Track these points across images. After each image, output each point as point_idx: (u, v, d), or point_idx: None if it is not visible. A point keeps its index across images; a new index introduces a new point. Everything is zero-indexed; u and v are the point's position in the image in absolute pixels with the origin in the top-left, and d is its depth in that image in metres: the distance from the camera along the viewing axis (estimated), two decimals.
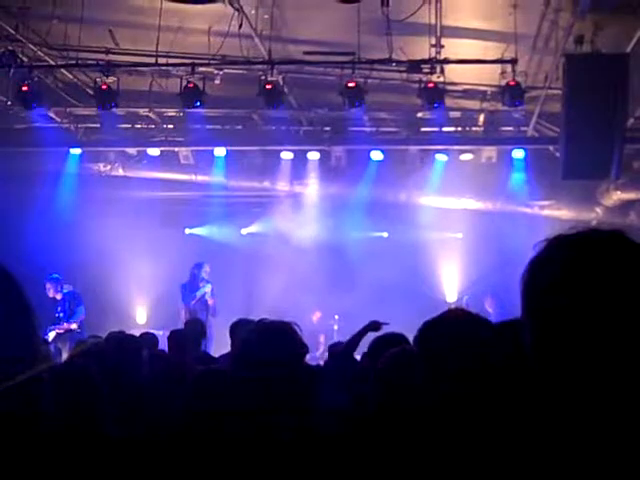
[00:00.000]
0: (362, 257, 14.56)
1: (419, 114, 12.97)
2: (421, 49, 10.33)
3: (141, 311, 15.84)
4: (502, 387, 2.08)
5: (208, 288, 12.48)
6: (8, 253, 13.07)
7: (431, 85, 10.76)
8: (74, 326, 12.27)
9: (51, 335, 12.02)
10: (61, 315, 12.39)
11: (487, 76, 11.32)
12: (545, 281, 1.52)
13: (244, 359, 2.84)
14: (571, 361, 1.46)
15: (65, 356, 11.25)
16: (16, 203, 13.46)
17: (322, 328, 14.73)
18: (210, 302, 12.39)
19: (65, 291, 12.63)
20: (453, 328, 2.74)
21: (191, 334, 8.40)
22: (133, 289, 15.49)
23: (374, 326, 6.78)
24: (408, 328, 6.53)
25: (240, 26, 9.88)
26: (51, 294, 12.50)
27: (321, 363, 8.50)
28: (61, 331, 12.20)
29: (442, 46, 10.34)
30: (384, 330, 7.70)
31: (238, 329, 7.00)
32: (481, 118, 13.26)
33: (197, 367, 7.05)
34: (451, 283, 15.26)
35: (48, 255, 12.96)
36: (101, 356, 5.55)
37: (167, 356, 7.70)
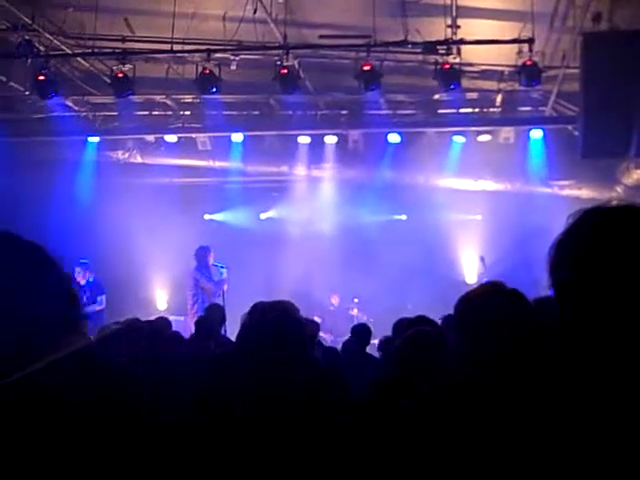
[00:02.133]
0: (381, 240, 14.55)
1: (436, 96, 12.92)
2: (437, 30, 10.27)
3: (161, 297, 15.93)
4: (536, 361, 2.08)
5: (225, 273, 12.45)
6: None
7: (447, 66, 10.70)
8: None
9: None
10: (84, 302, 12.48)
11: (504, 56, 11.23)
12: (572, 255, 1.53)
13: (243, 342, 2.86)
14: (598, 332, 1.47)
15: None
16: (36, 192, 13.53)
17: (341, 311, 14.75)
18: (225, 287, 12.35)
19: (90, 279, 12.69)
20: (490, 301, 2.75)
21: (213, 319, 8.44)
22: (153, 275, 15.56)
23: None
24: (427, 310, 6.55)
25: (255, 11, 9.87)
26: (80, 279, 12.55)
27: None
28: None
29: (458, 27, 10.27)
30: (406, 313, 7.73)
31: None
32: (498, 98, 13.17)
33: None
34: (470, 265, 15.21)
35: (68, 243, 12.98)
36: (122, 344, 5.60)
37: (191, 342, 7.76)
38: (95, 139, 14.44)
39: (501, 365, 2.50)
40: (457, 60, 10.81)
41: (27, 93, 12.55)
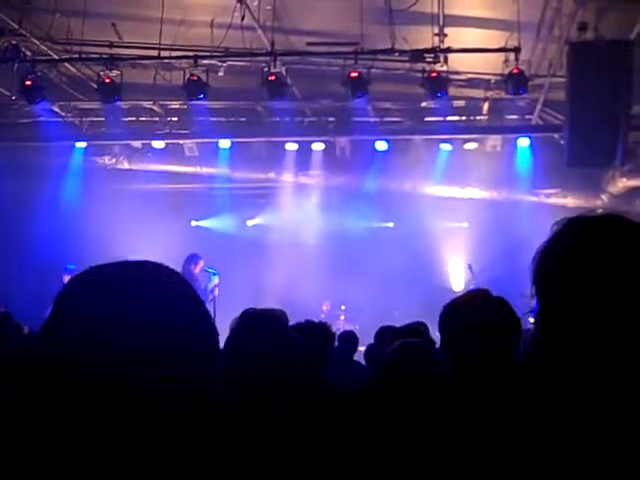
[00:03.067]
0: (368, 247, 14.57)
1: (423, 103, 12.95)
2: (424, 38, 10.30)
3: None
4: (518, 370, 2.09)
5: (217, 279, 12.32)
6: (14, 246, 13.12)
7: (434, 74, 10.74)
8: None
9: None
10: None
11: (491, 64, 11.29)
12: (556, 264, 1.54)
13: (231, 350, 2.84)
14: (579, 342, 1.47)
15: None
16: (22, 197, 13.49)
17: (332, 318, 14.72)
18: (216, 292, 12.21)
19: None
20: (474, 306, 2.76)
21: None
22: None
23: None
24: (414, 317, 6.56)
25: (243, 18, 9.87)
26: None
27: None
28: None
29: (445, 35, 10.31)
30: (393, 320, 7.73)
31: None
32: (485, 107, 13.23)
33: None
34: (457, 272, 15.25)
35: (54, 248, 12.98)
36: None
37: None
38: (82, 144, 14.39)
39: (485, 368, 2.50)
40: (444, 68, 10.84)
41: (14, 98, 12.49)
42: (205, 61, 11.22)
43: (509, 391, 1.67)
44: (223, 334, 3.04)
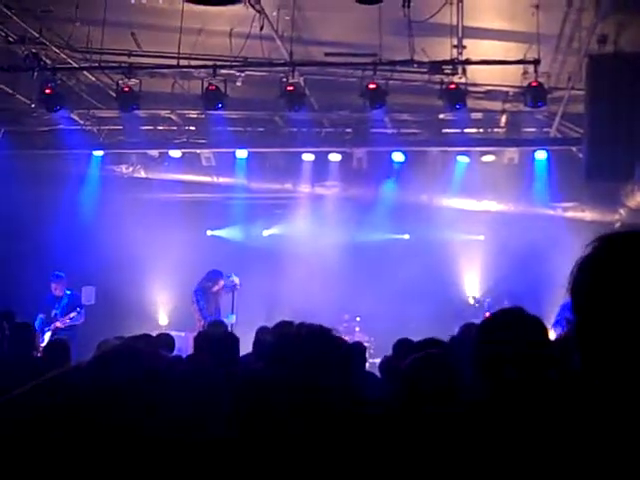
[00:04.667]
0: (383, 259, 14.52)
1: (441, 115, 12.93)
2: (443, 50, 10.30)
3: (163, 313, 15.89)
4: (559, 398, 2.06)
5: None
6: (31, 255, 13.17)
7: (453, 86, 10.73)
8: (59, 324, 12.23)
9: (47, 336, 11.88)
10: (57, 313, 12.32)
11: (509, 77, 11.26)
12: (593, 279, 1.51)
13: (285, 360, 2.77)
14: (616, 357, 1.44)
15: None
16: (39, 205, 13.54)
17: (346, 329, 14.67)
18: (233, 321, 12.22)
19: (67, 292, 12.57)
20: (510, 325, 2.72)
21: (214, 336, 8.38)
22: (155, 291, 15.53)
23: None
24: (429, 329, 6.52)
25: (261, 28, 9.90)
26: (57, 292, 12.44)
27: None
28: (62, 326, 12.13)
29: (464, 47, 10.30)
30: (408, 332, 7.69)
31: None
32: (503, 119, 13.19)
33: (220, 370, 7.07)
34: (473, 285, 15.17)
35: (71, 257, 13.02)
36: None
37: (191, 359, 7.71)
38: (99, 153, 14.47)
39: (520, 386, 2.47)
40: (462, 80, 10.83)
41: (33, 106, 12.58)
42: (223, 71, 11.24)
43: (548, 412, 1.64)
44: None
